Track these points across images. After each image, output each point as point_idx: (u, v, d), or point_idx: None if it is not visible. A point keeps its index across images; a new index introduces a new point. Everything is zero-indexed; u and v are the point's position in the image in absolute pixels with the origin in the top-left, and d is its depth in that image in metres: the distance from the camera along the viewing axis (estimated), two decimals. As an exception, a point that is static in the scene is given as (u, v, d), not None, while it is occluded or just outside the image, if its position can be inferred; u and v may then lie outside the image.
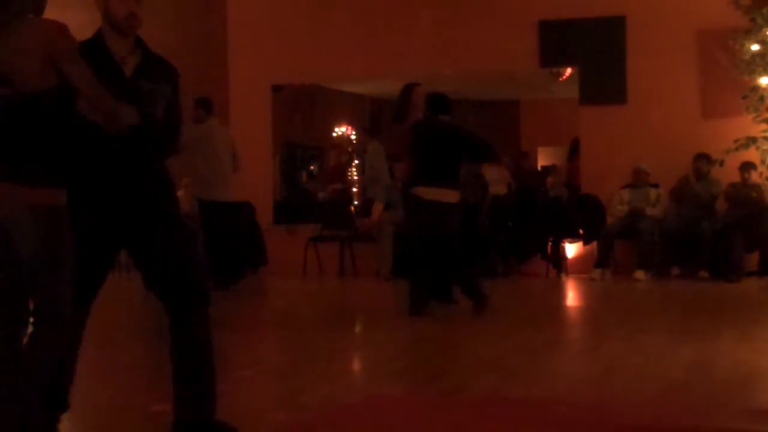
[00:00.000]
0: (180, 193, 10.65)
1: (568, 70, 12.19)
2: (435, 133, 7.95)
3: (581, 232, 11.66)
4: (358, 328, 7.60)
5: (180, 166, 10.15)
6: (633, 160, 11.45)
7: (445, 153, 7.84)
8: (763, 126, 10.64)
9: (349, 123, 14.88)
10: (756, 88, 10.69)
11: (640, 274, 10.80)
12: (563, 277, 11.42)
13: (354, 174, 14.18)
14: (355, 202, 13.42)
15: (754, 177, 10.81)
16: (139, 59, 3.71)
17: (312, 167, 14.80)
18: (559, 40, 11.92)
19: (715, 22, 11.17)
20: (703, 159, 11.10)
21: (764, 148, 10.69)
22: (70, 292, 3.43)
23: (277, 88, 13.06)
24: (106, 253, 3.74)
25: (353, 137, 14.66)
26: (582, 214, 11.72)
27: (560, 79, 12.46)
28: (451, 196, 7.80)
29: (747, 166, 10.79)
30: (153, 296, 3.87)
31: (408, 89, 8.39)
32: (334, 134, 14.89)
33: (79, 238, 3.48)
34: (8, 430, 3.24)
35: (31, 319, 3.41)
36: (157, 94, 3.67)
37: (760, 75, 10.67)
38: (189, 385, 3.77)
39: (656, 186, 11.40)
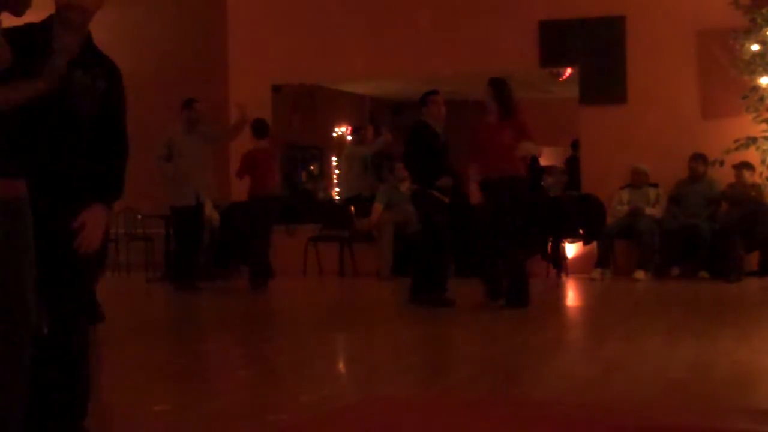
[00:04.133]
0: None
1: (568, 70, 12.18)
2: None
3: (581, 232, 11.66)
4: (358, 328, 7.61)
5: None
6: (633, 160, 11.44)
7: None
8: (763, 126, 10.63)
9: (349, 123, 14.89)
10: (756, 88, 10.68)
11: (640, 274, 10.80)
12: (563, 277, 11.42)
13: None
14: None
15: (748, 176, 10.78)
16: (77, 51, 3.55)
17: (312, 167, 14.80)
18: (559, 40, 11.91)
19: (715, 22, 11.16)
20: (699, 159, 11.10)
21: (764, 148, 10.68)
22: (34, 291, 3.25)
23: (277, 88, 13.06)
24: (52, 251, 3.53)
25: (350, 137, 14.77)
26: (582, 214, 11.72)
27: (560, 79, 12.46)
28: None
29: (740, 167, 10.78)
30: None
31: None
32: (334, 134, 14.90)
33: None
34: None
35: None
36: (87, 89, 3.53)
37: (760, 75, 10.66)
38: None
39: (655, 186, 11.40)
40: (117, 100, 3.67)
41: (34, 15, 3.48)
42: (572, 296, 10.34)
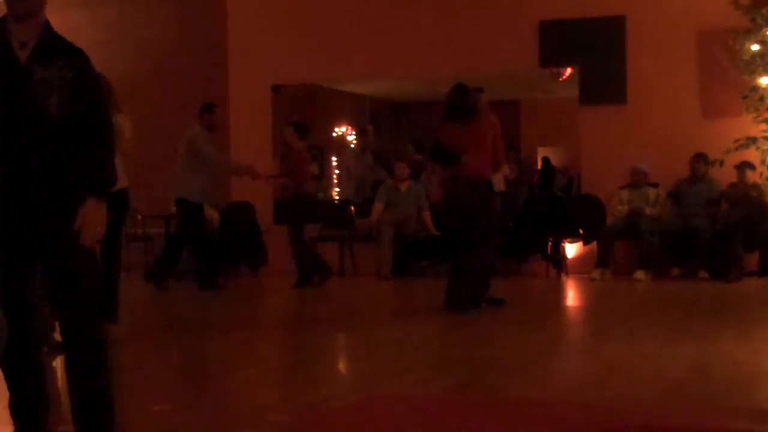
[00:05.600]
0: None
1: (568, 70, 12.18)
2: None
3: (581, 232, 11.66)
4: (358, 328, 7.60)
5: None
6: (633, 160, 11.44)
7: None
8: (763, 126, 10.63)
9: (349, 123, 14.88)
10: (756, 88, 10.67)
11: (640, 274, 10.80)
12: (563, 277, 11.42)
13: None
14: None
15: (750, 176, 10.79)
16: (36, 43, 3.47)
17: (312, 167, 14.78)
18: (559, 40, 11.91)
19: (715, 22, 11.15)
20: (700, 159, 11.10)
21: (764, 148, 10.67)
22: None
23: (277, 88, 13.05)
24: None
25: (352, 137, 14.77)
26: (582, 214, 11.72)
27: (560, 79, 12.46)
28: None
29: (743, 166, 10.79)
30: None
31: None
32: (334, 134, 14.89)
33: None
34: None
35: None
36: (51, 82, 3.42)
37: (760, 75, 10.65)
38: (80, 403, 3.62)
39: (655, 186, 11.40)
40: (87, 87, 3.52)
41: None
42: (572, 296, 10.34)
